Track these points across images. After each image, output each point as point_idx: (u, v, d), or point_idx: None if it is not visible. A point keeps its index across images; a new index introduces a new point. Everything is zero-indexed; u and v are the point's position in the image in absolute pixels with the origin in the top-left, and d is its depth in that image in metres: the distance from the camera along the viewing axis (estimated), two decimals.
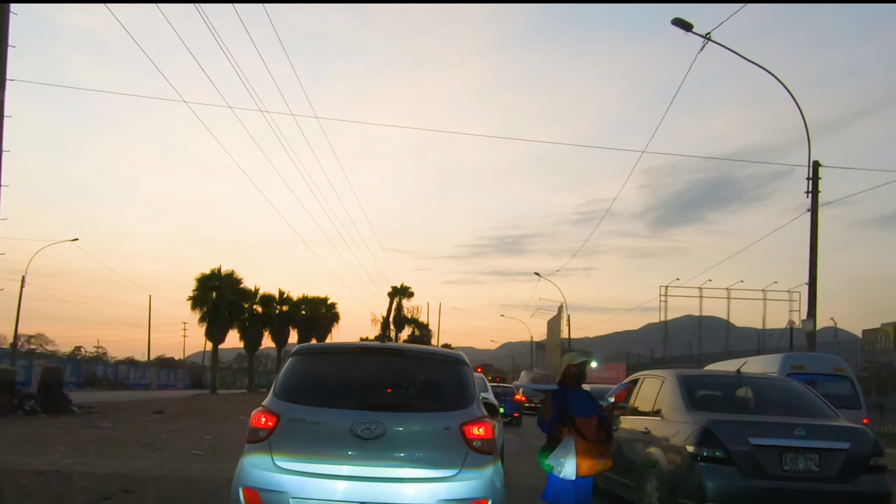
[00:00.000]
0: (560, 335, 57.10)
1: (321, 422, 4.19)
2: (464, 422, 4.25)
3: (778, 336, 38.78)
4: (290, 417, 4.21)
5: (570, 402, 4.96)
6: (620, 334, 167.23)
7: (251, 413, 4.38)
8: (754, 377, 7.47)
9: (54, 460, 8.78)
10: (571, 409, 4.93)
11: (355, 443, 4.06)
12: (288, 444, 4.11)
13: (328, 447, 4.08)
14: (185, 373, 72.60)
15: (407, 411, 4.43)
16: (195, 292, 48.25)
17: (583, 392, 5.16)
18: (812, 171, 17.53)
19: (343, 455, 4.05)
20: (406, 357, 4.97)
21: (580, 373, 5.19)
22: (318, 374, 4.74)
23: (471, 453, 4.16)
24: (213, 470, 8.75)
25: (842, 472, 5.51)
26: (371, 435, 4.07)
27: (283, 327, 57.28)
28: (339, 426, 4.12)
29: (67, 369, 44.77)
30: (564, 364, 5.29)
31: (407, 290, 70.87)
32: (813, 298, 17.70)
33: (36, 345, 65.65)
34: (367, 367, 4.73)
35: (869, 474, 5.61)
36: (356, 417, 4.12)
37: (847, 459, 5.54)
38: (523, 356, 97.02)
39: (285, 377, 4.59)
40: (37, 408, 16.82)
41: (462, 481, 4.06)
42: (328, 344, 4.94)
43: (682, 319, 49.89)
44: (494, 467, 4.25)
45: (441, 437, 4.23)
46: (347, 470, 4.02)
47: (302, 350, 4.97)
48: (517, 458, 12.03)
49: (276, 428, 4.17)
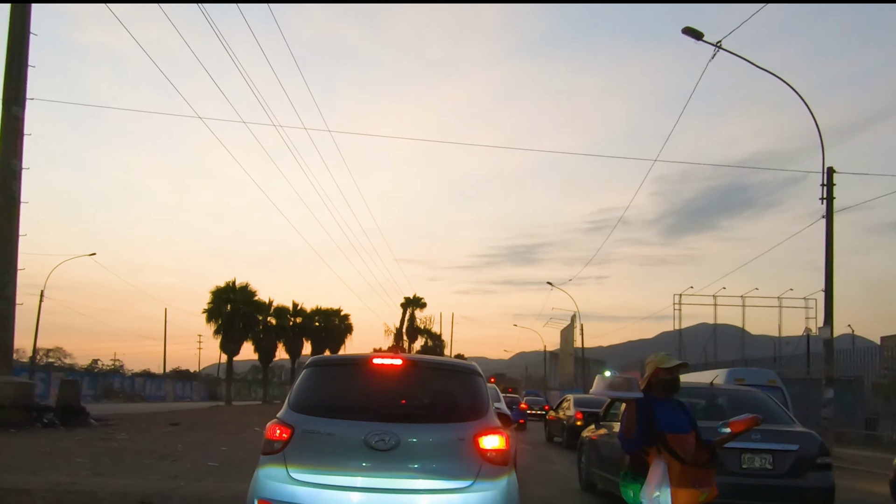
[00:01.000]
0: (573, 344, 56.81)
1: (335, 433, 4.20)
2: (478, 432, 4.22)
3: (795, 343, 38.32)
4: (304, 429, 4.22)
5: (659, 415, 3.97)
6: (635, 343, 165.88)
7: (266, 425, 4.39)
8: (724, 388, 8.55)
9: (72, 471, 8.88)
10: (661, 423, 3.94)
11: (369, 454, 4.05)
12: (302, 455, 4.12)
13: (342, 459, 4.08)
14: (200, 385, 72.98)
15: (420, 422, 4.42)
16: (210, 305, 48.65)
17: (673, 402, 4.13)
18: (826, 177, 17.43)
19: (357, 466, 4.06)
20: (419, 368, 4.90)
21: (672, 379, 4.10)
22: (332, 385, 4.76)
23: (485, 464, 4.12)
24: (228, 481, 8.82)
25: (792, 469, 6.49)
26: (385, 446, 4.07)
27: (297, 339, 57.52)
28: (352, 437, 4.12)
29: (85, 382, 45.20)
30: (650, 367, 4.19)
31: (419, 300, 70.94)
32: (829, 305, 17.53)
33: (54, 358, 66.37)
34: (381, 378, 4.67)
35: (816, 471, 6.56)
36: (370, 429, 4.12)
37: (796, 459, 6.53)
38: (537, 365, 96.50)
39: (299, 389, 4.59)
40: (55, 420, 16.99)
41: (477, 493, 4.03)
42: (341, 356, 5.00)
43: (696, 328, 49.54)
44: (509, 478, 4.21)
45: (455, 447, 4.20)
46: (361, 481, 4.02)
47: (315, 362, 4.98)
48: (531, 469, 11.99)
49: (290, 440, 4.18)
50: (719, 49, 16.60)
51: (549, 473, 11.98)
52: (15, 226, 17.00)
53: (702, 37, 16.59)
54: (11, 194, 16.84)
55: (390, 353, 4.84)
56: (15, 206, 16.95)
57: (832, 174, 17.45)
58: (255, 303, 50.98)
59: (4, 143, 16.86)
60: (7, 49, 17.08)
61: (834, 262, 17.47)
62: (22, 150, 17.20)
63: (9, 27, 17.15)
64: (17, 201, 16.99)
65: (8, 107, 16.89)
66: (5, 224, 16.78)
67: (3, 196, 16.79)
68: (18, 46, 17.08)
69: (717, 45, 16.56)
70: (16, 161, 16.94)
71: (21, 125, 17.13)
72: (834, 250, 17.44)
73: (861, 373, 23.81)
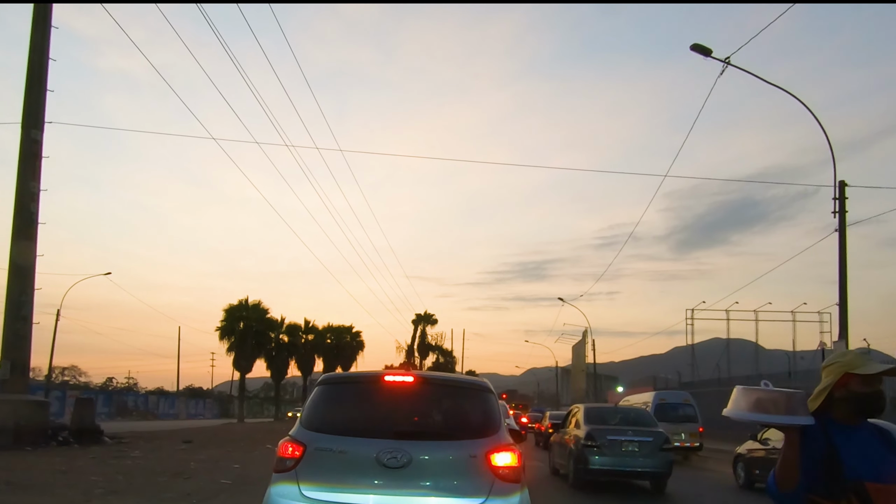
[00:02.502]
0: (585, 360, 56.44)
1: (347, 451, 4.18)
2: (490, 449, 4.22)
3: (810, 358, 37.83)
4: (316, 447, 4.21)
5: (845, 452, 2.34)
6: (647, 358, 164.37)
7: (278, 443, 4.43)
8: (621, 408, 15.45)
9: (87, 490, 8.96)
10: (850, 465, 2.31)
11: (381, 472, 4.05)
12: (314, 473, 4.11)
13: (354, 476, 4.09)
14: (213, 402, 73.12)
15: (432, 439, 4.42)
16: (223, 323, 48.93)
17: (870, 431, 2.42)
18: (839, 190, 17.35)
19: (369, 484, 4.06)
20: (430, 385, 4.85)
21: (873, 394, 2.38)
22: (344, 403, 4.73)
23: (497, 481, 4.12)
24: (240, 500, 8.86)
25: (649, 452, 11.46)
26: (397, 464, 4.05)
27: (309, 356, 57.59)
28: (365, 455, 4.11)
29: (99, 400, 45.45)
30: (834, 373, 2.44)
31: (431, 317, 70.93)
32: (844, 319, 17.36)
33: (69, 376, 66.91)
34: (392, 395, 4.62)
35: (662, 452, 11.52)
36: (382, 446, 4.11)
37: (651, 446, 11.49)
38: (549, 382, 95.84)
39: (311, 407, 4.59)
40: (70, 438, 17.12)
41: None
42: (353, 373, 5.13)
43: (709, 342, 49.05)
44: (521, 495, 4.19)
45: (467, 465, 4.19)
46: (374, 499, 4.02)
47: (327, 380, 4.97)
48: (542, 484, 11.91)
49: (302, 457, 4.18)
50: (728, 65, 16.66)
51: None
52: (33, 247, 17.30)
53: (710, 53, 16.66)
54: (30, 215, 17.16)
55: (401, 371, 4.82)
56: (33, 227, 17.26)
57: (844, 188, 17.37)
58: (267, 320, 51.20)
59: (23, 165, 17.22)
60: (27, 74, 17.50)
61: (848, 276, 17.34)
62: (40, 173, 17.55)
63: (29, 52, 17.58)
64: (34, 222, 17.29)
65: (27, 130, 17.27)
66: (24, 245, 17.08)
67: (21, 217, 17.10)
68: (38, 72, 17.50)
69: (725, 61, 16.63)
70: (34, 183, 17.28)
71: (39, 148, 17.50)
72: (847, 264, 17.33)
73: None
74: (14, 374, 16.63)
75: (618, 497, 11.42)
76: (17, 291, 16.96)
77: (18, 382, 16.77)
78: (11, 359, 16.66)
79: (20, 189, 17.15)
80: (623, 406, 17.80)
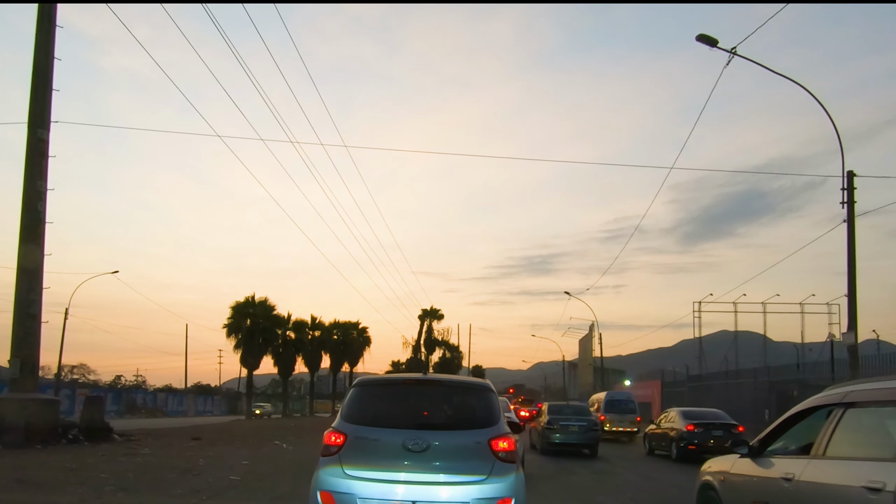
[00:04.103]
0: (592, 354, 56.38)
1: (379, 439, 5.20)
2: (491, 437, 5.24)
3: (818, 350, 37.65)
4: (354, 436, 5.24)
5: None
6: (654, 351, 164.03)
7: (323, 433, 5.38)
8: (571, 403, 24.23)
9: (97, 487, 9.02)
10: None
11: (406, 455, 5.06)
12: (354, 456, 5.13)
13: (385, 459, 5.07)
14: (221, 399, 73.47)
15: (446, 429, 5.46)
16: (230, 320, 49.07)
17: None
18: (847, 181, 17.21)
19: (398, 465, 5.04)
20: (444, 386, 6.01)
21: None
22: (376, 400, 5.77)
23: (497, 462, 5.11)
24: (250, 496, 8.90)
25: (584, 432, 18.20)
26: (419, 448, 5.07)
27: (316, 352, 57.70)
28: (393, 442, 5.12)
29: (109, 398, 45.78)
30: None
31: (437, 312, 70.93)
32: (853, 310, 17.27)
33: (79, 374, 67.31)
34: (414, 394, 5.78)
35: (592, 432, 18.32)
36: (406, 435, 5.14)
37: (586, 427, 18.30)
38: (555, 376, 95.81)
39: (349, 404, 5.62)
40: (79, 436, 17.22)
41: (491, 484, 5.01)
42: (382, 377, 6.29)
43: (717, 335, 48.81)
44: (517, 474, 5.21)
45: (474, 449, 5.19)
46: (401, 476, 5.00)
47: (361, 382, 5.98)
48: (549, 479, 11.91)
49: (344, 444, 5.20)
50: (734, 55, 16.53)
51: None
52: (41, 246, 17.37)
53: (716, 44, 16.53)
54: (37, 214, 17.22)
55: (420, 375, 5.94)
56: (40, 226, 17.33)
57: (853, 178, 17.22)
58: (274, 317, 51.31)
59: (30, 164, 17.27)
60: (32, 74, 17.54)
61: (857, 267, 17.21)
62: (47, 172, 17.61)
63: (34, 52, 17.62)
64: (42, 221, 17.36)
65: (33, 130, 17.32)
66: (32, 244, 17.16)
67: (29, 217, 17.18)
68: (43, 71, 17.54)
69: (731, 51, 16.50)
70: (41, 182, 17.34)
71: (46, 147, 17.55)
72: (856, 255, 17.20)
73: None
74: (24, 373, 16.73)
75: (568, 458, 17.66)
76: (26, 290, 17.05)
77: (28, 381, 16.88)
78: (21, 357, 16.76)
79: (27, 188, 17.21)
80: (572, 403, 24.92)
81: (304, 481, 10.83)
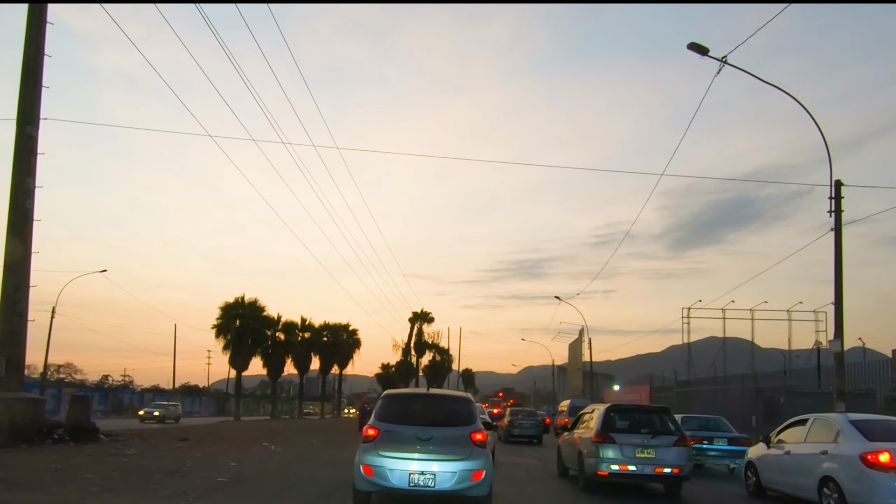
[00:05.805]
0: (582, 358, 56.50)
1: (401, 432, 7.79)
2: (471, 431, 7.93)
3: (805, 357, 37.94)
4: (385, 430, 7.84)
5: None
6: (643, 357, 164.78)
7: (363, 429, 8.04)
8: (525, 408, 35.71)
9: (82, 488, 8.94)
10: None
11: (418, 442, 7.68)
12: (384, 443, 7.70)
13: (404, 445, 7.67)
14: (209, 400, 72.97)
15: (442, 426, 8.01)
16: (219, 320, 48.79)
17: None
18: (835, 189, 17.34)
19: (413, 449, 7.64)
20: (441, 398, 9.11)
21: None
22: (397, 406, 8.39)
23: (475, 447, 7.78)
24: (237, 497, 8.86)
25: (534, 427, 27.52)
26: (425, 438, 7.71)
27: (306, 354, 57.48)
28: (409, 434, 7.75)
29: (95, 398, 45.35)
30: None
31: (427, 315, 70.85)
32: (840, 318, 17.38)
33: (65, 374, 66.68)
34: (422, 402, 8.72)
35: (539, 428, 27.65)
36: (418, 430, 7.80)
37: (535, 425, 27.64)
38: (545, 380, 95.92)
39: (380, 408, 8.25)
40: (65, 436, 17.04)
41: (470, 461, 7.63)
42: (403, 391, 10.07)
43: (705, 341, 49.10)
44: (486, 457, 7.91)
45: (459, 439, 7.84)
46: (414, 456, 7.59)
47: (388, 395, 8.65)
48: (538, 482, 11.96)
49: (377, 436, 7.78)
50: (725, 64, 16.64)
51: None
52: (28, 243, 17.22)
53: (707, 52, 16.64)
54: (25, 212, 17.08)
55: (426, 391, 9.08)
56: (28, 224, 17.18)
57: (840, 187, 17.36)
58: (263, 318, 51.07)
59: (18, 161, 17.14)
60: (22, 70, 17.41)
61: (843, 275, 17.33)
62: (35, 169, 17.48)
63: (24, 49, 17.49)
64: (30, 219, 17.22)
65: (22, 127, 17.19)
66: (19, 242, 17.01)
67: (16, 214, 17.03)
68: (33, 67, 17.41)
69: (722, 60, 16.62)
70: (29, 179, 17.21)
71: (35, 144, 17.42)
72: (843, 263, 17.33)
73: (873, 386, 23.53)
74: (9, 372, 16.57)
75: (522, 445, 24.81)
76: (13, 288, 16.89)
77: (13, 380, 16.72)
78: (7, 356, 16.59)
79: (15, 185, 17.06)
80: (526, 408, 33.39)
81: (292, 483, 10.84)
